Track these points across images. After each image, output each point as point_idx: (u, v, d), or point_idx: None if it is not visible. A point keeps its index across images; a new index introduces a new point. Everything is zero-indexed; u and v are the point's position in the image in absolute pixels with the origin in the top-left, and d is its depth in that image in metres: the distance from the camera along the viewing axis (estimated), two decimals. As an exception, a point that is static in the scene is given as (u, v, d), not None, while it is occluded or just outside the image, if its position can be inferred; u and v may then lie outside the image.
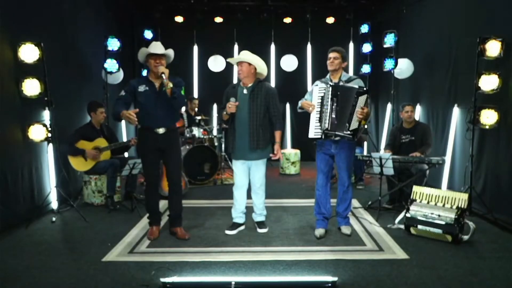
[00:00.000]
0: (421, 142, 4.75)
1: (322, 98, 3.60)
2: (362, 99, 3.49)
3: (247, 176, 3.90)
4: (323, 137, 3.61)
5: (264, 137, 3.74)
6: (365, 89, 3.53)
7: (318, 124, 3.61)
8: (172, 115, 3.73)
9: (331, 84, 3.61)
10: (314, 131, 3.64)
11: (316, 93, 3.65)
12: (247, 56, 3.74)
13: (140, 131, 3.76)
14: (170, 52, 3.68)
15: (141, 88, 3.62)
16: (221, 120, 3.81)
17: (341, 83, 3.64)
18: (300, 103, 3.76)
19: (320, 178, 3.84)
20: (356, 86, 3.54)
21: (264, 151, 3.80)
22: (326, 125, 3.57)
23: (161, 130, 3.64)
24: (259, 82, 3.80)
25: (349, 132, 3.52)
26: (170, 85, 3.46)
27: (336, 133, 3.57)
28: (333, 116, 3.55)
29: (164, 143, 3.67)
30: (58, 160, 4.57)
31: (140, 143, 3.86)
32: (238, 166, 3.87)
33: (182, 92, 3.65)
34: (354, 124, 3.53)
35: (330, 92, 3.55)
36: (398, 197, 4.73)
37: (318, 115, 3.60)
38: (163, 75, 3.46)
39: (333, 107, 3.54)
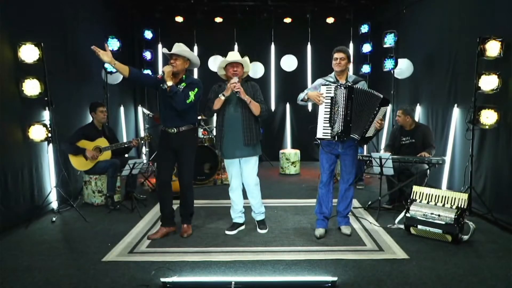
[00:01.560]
0: (422, 144, 4.71)
1: (332, 98, 3.51)
2: (383, 110, 3.50)
3: (240, 177, 3.92)
4: (336, 138, 3.56)
5: (256, 133, 3.76)
6: (387, 100, 3.52)
7: (328, 124, 3.55)
8: (185, 116, 3.71)
9: (347, 85, 3.51)
10: (322, 132, 3.58)
11: (324, 92, 3.55)
12: (244, 58, 3.76)
13: (160, 130, 3.89)
14: (187, 54, 3.66)
15: (164, 86, 3.66)
16: (208, 109, 3.82)
17: (348, 84, 3.57)
18: (304, 95, 3.68)
19: (325, 177, 3.83)
20: (381, 95, 3.49)
21: (255, 149, 3.81)
22: (340, 127, 3.51)
23: (172, 130, 3.70)
24: (245, 81, 3.84)
25: (362, 136, 3.53)
26: (169, 83, 3.51)
27: (351, 135, 3.54)
28: (348, 118, 3.50)
29: (176, 143, 3.72)
30: (58, 160, 4.57)
31: (158, 142, 3.97)
32: (231, 169, 3.90)
33: (191, 94, 3.61)
34: (370, 131, 3.54)
35: (344, 94, 3.47)
36: (397, 197, 4.73)
37: (328, 116, 3.54)
38: (161, 73, 3.52)
39: (348, 109, 3.48)
